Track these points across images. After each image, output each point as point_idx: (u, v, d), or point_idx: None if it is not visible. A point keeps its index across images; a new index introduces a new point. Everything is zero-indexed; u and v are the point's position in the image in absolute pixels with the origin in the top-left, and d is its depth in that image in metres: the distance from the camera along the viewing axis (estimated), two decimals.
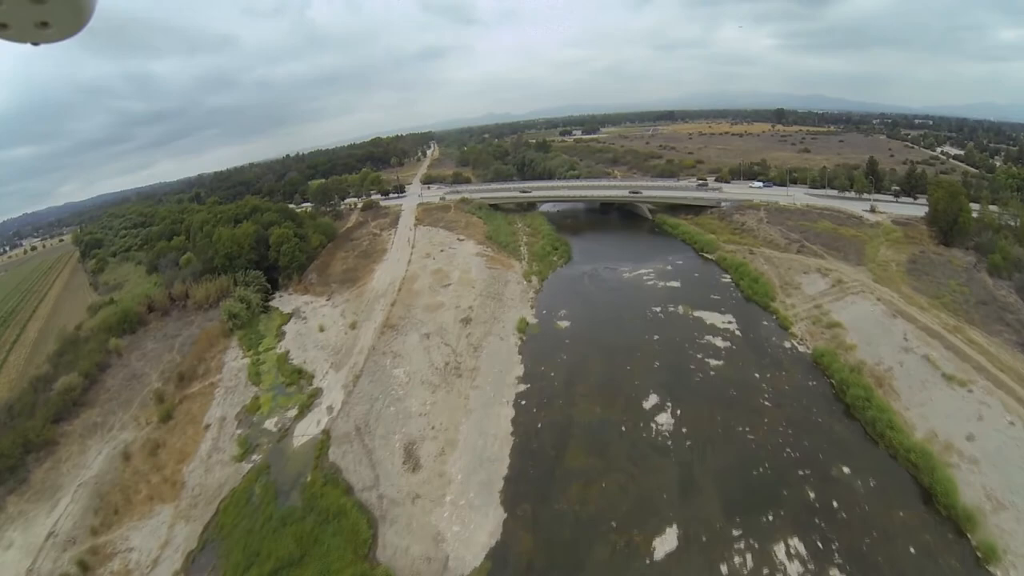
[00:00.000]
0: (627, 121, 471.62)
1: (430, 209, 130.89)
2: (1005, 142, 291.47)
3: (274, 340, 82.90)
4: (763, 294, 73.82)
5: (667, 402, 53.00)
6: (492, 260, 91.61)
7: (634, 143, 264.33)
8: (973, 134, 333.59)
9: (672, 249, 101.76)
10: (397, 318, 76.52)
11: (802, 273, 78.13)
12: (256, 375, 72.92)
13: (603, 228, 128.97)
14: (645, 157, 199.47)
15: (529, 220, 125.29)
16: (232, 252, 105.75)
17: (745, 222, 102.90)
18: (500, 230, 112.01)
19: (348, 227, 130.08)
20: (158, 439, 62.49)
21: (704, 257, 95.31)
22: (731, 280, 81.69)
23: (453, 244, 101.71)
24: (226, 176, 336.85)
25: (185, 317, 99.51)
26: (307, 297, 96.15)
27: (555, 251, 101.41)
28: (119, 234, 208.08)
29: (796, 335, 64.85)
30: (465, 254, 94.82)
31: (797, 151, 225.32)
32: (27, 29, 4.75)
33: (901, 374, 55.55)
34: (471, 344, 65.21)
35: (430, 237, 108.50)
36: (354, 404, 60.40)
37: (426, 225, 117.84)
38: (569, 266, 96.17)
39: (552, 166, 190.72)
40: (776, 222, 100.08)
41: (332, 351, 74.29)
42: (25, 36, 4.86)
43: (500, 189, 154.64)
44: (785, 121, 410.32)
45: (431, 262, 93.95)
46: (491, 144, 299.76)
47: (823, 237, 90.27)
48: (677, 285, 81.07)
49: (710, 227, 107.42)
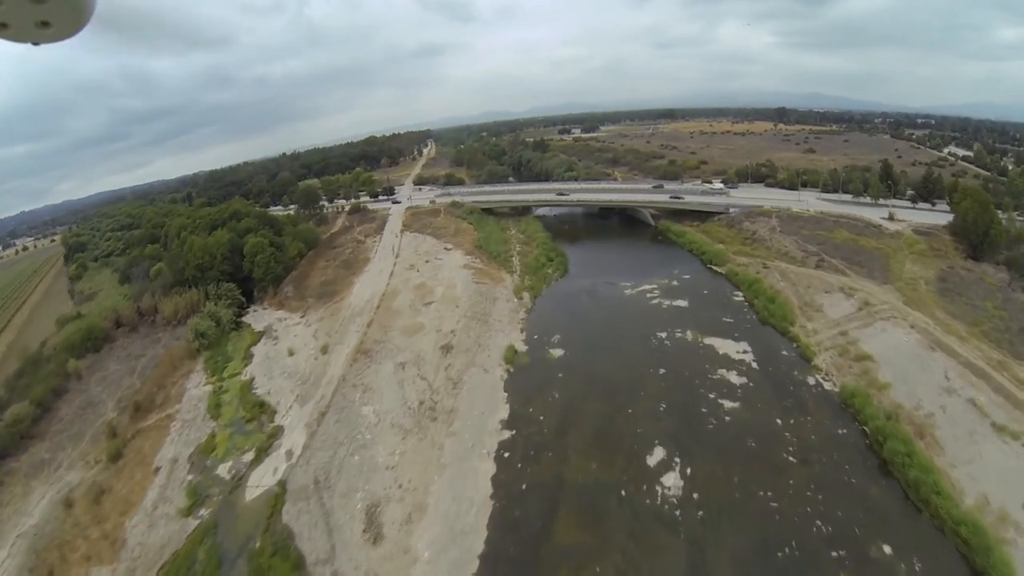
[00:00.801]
0: (627, 119, 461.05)
1: (419, 213, 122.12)
2: (1009, 142, 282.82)
3: (241, 364, 74.91)
4: (781, 317, 65.11)
5: (675, 457, 44.46)
6: (480, 273, 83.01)
7: (634, 142, 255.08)
8: (977, 134, 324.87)
9: (678, 260, 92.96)
10: (372, 342, 68.11)
11: (823, 292, 69.45)
12: (216, 407, 65.02)
13: (603, 235, 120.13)
14: (646, 157, 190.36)
15: (523, 226, 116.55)
16: (204, 263, 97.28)
17: (756, 231, 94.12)
18: (491, 237, 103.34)
19: (333, 232, 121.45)
20: (104, 483, 54.94)
21: (713, 270, 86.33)
22: (744, 299, 72.76)
23: (439, 254, 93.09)
24: (220, 175, 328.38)
25: (153, 334, 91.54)
26: (281, 313, 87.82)
27: (550, 262, 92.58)
28: (104, 236, 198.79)
29: (820, 368, 56.26)
30: (451, 266, 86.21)
31: (802, 151, 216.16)
32: (27, 29, 4.82)
33: (944, 422, 47.13)
34: (450, 378, 56.67)
35: (416, 245, 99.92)
36: (316, 449, 52.16)
37: (413, 231, 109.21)
38: (565, 280, 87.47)
39: (549, 166, 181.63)
40: (790, 231, 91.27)
41: (299, 380, 66.05)
42: (25, 36, 4.94)
43: (494, 192, 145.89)
44: (787, 120, 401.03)
45: (414, 275, 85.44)
46: (488, 143, 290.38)
47: (843, 249, 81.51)
48: (684, 305, 72.10)
49: (718, 236, 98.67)
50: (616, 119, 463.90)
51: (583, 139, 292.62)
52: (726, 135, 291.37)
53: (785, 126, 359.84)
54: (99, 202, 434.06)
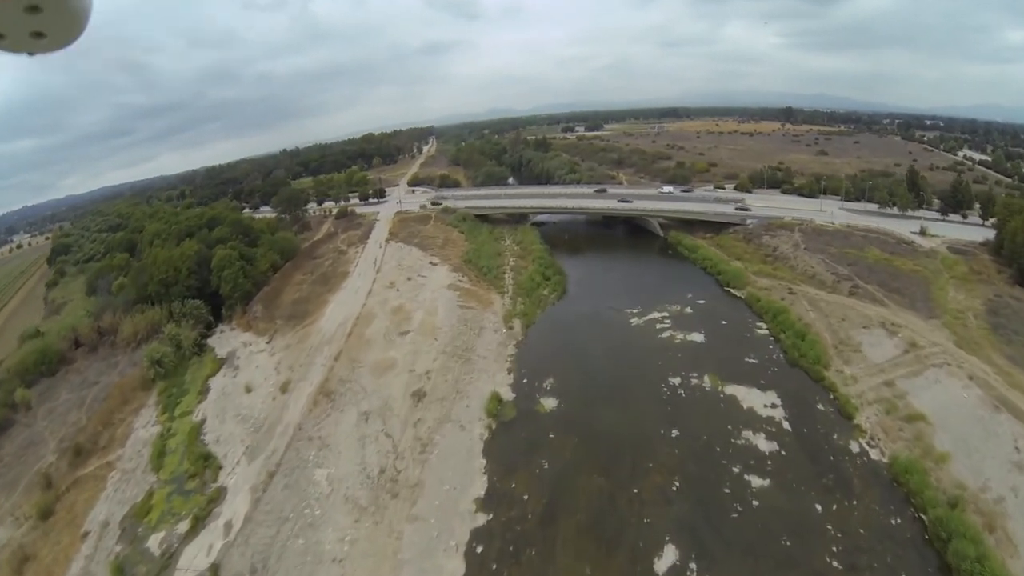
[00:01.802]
0: (631, 118, 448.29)
1: (407, 220, 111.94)
2: (1022, 145, 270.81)
3: (195, 400, 65.90)
4: (813, 358, 54.75)
5: (690, 561, 34.43)
6: (467, 295, 72.98)
7: (639, 141, 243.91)
8: (988, 136, 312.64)
9: (690, 280, 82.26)
10: (337, 380, 58.39)
11: (861, 328, 59.09)
12: (159, 456, 56.24)
13: (606, 247, 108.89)
14: (652, 158, 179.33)
15: (520, 235, 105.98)
16: (168, 278, 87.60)
17: (778, 247, 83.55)
18: (483, 250, 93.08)
19: (316, 240, 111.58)
20: (30, 548, 46.29)
21: (731, 294, 75.26)
22: (768, 332, 62.22)
23: (424, 270, 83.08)
24: (218, 172, 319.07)
25: (112, 357, 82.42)
26: (248, 336, 78.18)
27: (547, 281, 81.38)
28: (90, 238, 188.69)
29: (864, 430, 46.12)
30: (435, 285, 76.22)
31: (814, 153, 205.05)
32: (22, 39, 4.74)
33: (1018, 510, 37.18)
34: (419, 438, 46.75)
35: (400, 258, 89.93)
36: (258, 524, 42.68)
37: (399, 241, 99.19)
38: (563, 303, 76.69)
39: (551, 167, 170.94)
40: (816, 248, 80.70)
41: (253, 426, 56.50)
42: (21, 46, 4.86)
43: (490, 195, 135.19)
44: (794, 120, 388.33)
45: (393, 295, 75.57)
46: (489, 141, 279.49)
47: (877, 272, 71.06)
48: (700, 339, 61.59)
49: (735, 251, 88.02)
50: (620, 118, 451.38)
51: (587, 138, 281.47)
52: (733, 135, 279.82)
53: (792, 126, 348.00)
54: (101, 197, 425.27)
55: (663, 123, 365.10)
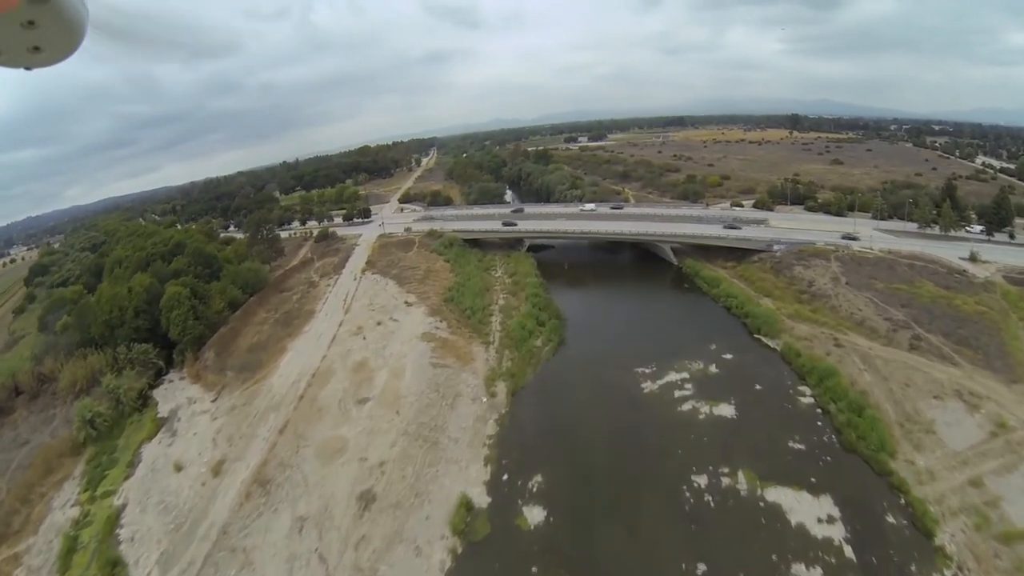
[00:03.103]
0: (635, 127, 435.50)
1: (389, 245, 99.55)
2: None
3: (122, 475, 55.11)
4: (875, 443, 41.66)
5: None
6: (443, 347, 60.34)
7: (645, 152, 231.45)
8: (1000, 141, 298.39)
9: (712, 323, 68.84)
10: (277, 464, 46.23)
11: (931, 397, 46.13)
12: (68, 553, 44.93)
13: (611, 278, 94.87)
14: (660, 171, 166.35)
15: (513, 265, 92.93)
16: (112, 319, 75.88)
17: (814, 281, 70.39)
18: (468, 284, 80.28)
19: (290, 267, 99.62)
20: None
21: (762, 344, 61.78)
22: (814, 399, 49.20)
23: (398, 311, 70.55)
24: (214, 186, 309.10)
25: (49, 408, 71.51)
26: (195, 390, 66.36)
27: (540, 328, 67.18)
28: (72, 257, 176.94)
29: (949, 556, 33.14)
30: (407, 334, 63.70)
31: (828, 163, 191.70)
32: (20, 54, 4.76)
33: None
34: (359, 569, 34.27)
35: (373, 295, 77.58)
36: None
37: (376, 271, 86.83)
38: (560, 357, 62.73)
39: (551, 182, 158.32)
40: (859, 282, 67.50)
41: (174, 521, 44.63)
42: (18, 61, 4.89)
43: (482, 216, 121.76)
44: (800, 127, 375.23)
45: (358, 345, 63.31)
46: (489, 152, 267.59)
47: (938, 316, 57.87)
48: (730, 413, 48.36)
49: (763, 285, 74.68)
50: (624, 127, 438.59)
51: (590, 148, 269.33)
52: (741, 144, 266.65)
53: (800, 134, 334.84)
54: (104, 208, 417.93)
55: (668, 132, 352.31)
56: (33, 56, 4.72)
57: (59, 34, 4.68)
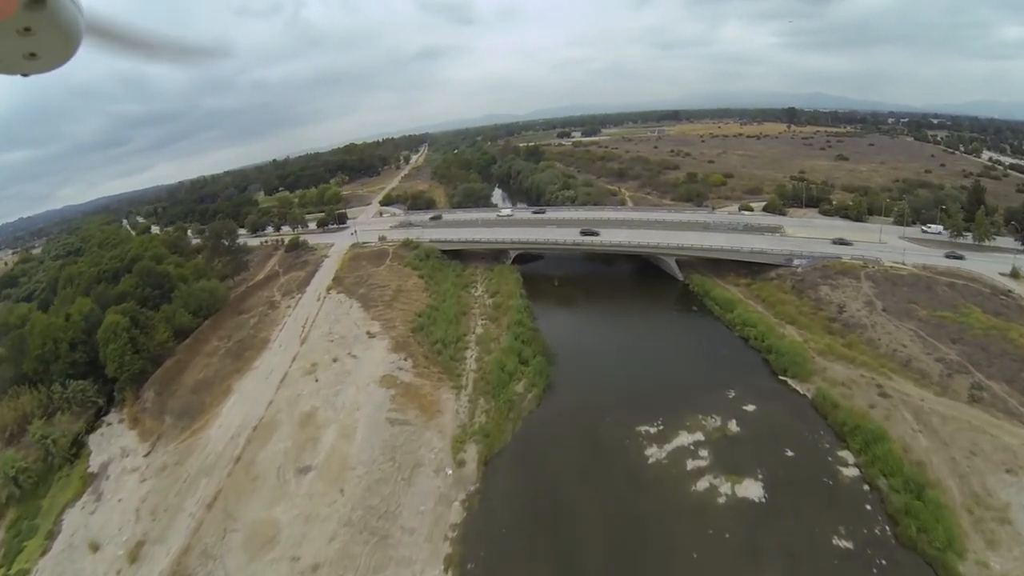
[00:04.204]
0: (630, 121, 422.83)
1: (360, 257, 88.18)
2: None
3: (40, 546, 44.61)
4: (941, 538, 31.29)
5: None
6: (405, 395, 49.35)
7: (640, 147, 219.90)
8: (1001, 135, 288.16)
9: (728, 359, 57.07)
10: (199, 554, 36.25)
11: (1003, 471, 35.65)
12: None
13: (607, 298, 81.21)
14: (658, 168, 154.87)
15: (495, 281, 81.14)
16: (46, 352, 64.97)
17: (844, 305, 59.67)
18: (442, 308, 68.84)
19: (252, 283, 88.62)
20: None
21: (789, 388, 50.12)
22: (858, 470, 38.56)
23: (358, 345, 59.39)
24: (200, 186, 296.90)
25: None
26: (130, 438, 56.22)
27: (523, 367, 54.71)
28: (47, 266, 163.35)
29: None
30: (365, 375, 52.75)
31: (832, 159, 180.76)
32: (16, 61, 4.65)
33: None
34: None
35: (333, 321, 66.59)
36: None
37: (342, 291, 75.60)
38: (545, 407, 50.31)
39: (541, 181, 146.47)
40: (897, 308, 56.74)
41: None
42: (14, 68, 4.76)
43: (464, 222, 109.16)
44: (798, 121, 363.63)
45: (309, 389, 52.68)
46: (480, 149, 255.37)
47: (996, 355, 47.27)
48: (757, 495, 37.22)
49: (783, 308, 63.59)
50: (619, 121, 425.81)
51: (584, 144, 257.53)
52: (739, 138, 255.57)
53: (798, 128, 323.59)
54: (98, 208, 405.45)
55: (663, 127, 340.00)
56: (29, 63, 4.65)
57: (55, 41, 4.58)
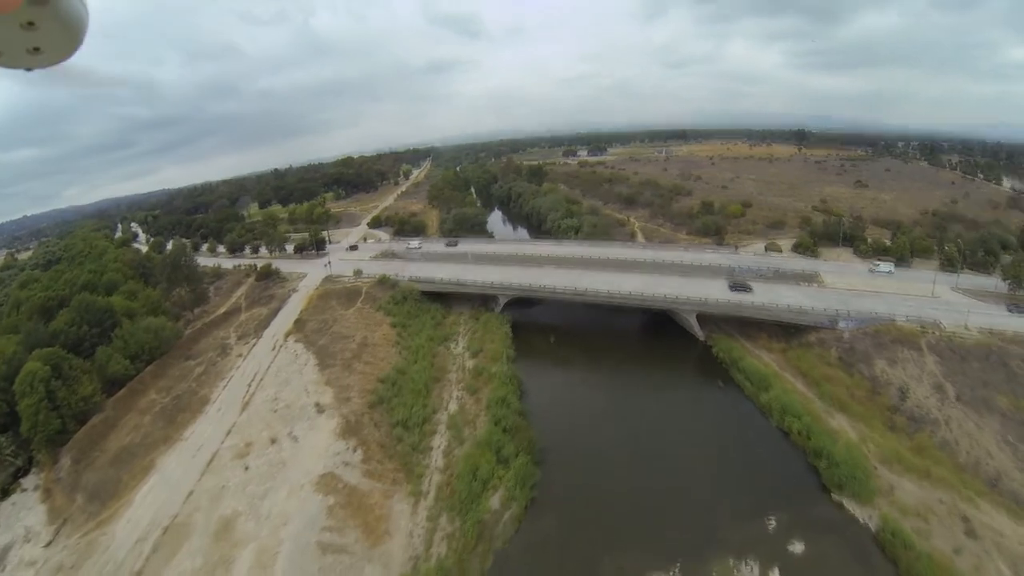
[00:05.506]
0: (636, 140, 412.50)
1: (329, 296, 76.06)
2: None
3: None
4: None
5: None
6: (347, 506, 37.11)
7: (649, 169, 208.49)
8: (1015, 160, 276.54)
9: (764, 462, 43.66)
10: None
11: None
12: None
13: (614, 362, 64.80)
14: (670, 194, 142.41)
15: (480, 332, 68.60)
16: None
17: (907, 387, 47.19)
18: (411, 372, 56.03)
19: (214, 317, 77.18)
20: None
21: (844, 510, 37.58)
22: None
23: (302, 421, 47.34)
24: (198, 193, 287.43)
25: None
26: (39, 515, 44.94)
27: (502, 470, 41.92)
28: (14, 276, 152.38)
29: None
30: (302, 471, 40.68)
31: (851, 185, 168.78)
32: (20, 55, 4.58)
33: None
34: None
35: (283, 382, 54.64)
36: None
37: (301, 339, 63.54)
38: (525, 532, 37.76)
39: (543, 207, 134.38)
40: (972, 395, 44.48)
41: None
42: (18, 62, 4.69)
43: (452, 256, 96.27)
44: (807, 143, 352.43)
45: (237, 480, 40.88)
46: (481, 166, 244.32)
47: None
48: None
49: (829, 388, 50.21)
50: (625, 140, 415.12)
51: (589, 164, 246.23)
52: (750, 161, 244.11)
53: (808, 149, 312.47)
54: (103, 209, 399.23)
55: (670, 146, 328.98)
56: (33, 57, 4.60)
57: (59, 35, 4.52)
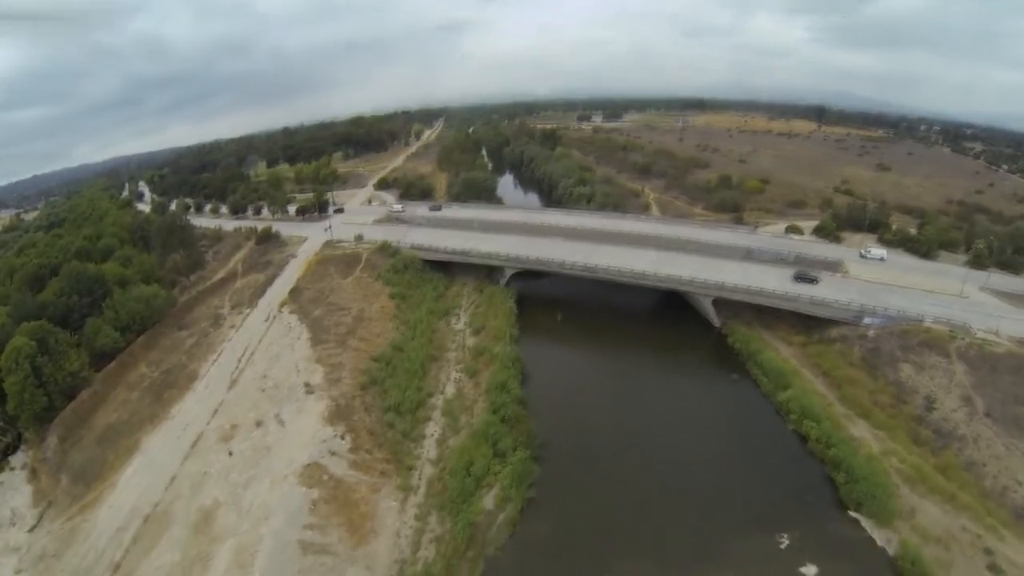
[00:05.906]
0: (652, 108, 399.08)
1: (328, 262, 72.77)
2: None
3: None
4: None
5: None
6: (332, 502, 34.86)
7: (665, 138, 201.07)
8: None
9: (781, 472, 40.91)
10: None
11: None
12: None
13: (622, 344, 62.25)
14: (686, 165, 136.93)
15: (484, 306, 65.58)
16: None
17: (934, 398, 43.70)
18: (409, 349, 53.24)
19: (209, 284, 74.44)
20: None
21: (862, 531, 35.05)
22: None
23: (291, 402, 45.01)
24: (206, 152, 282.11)
25: None
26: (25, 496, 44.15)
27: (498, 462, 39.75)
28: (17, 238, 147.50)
29: None
30: (286, 460, 38.43)
31: (872, 167, 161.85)
32: None
33: None
34: None
35: (274, 357, 52.17)
36: None
37: (296, 310, 60.75)
38: (521, 537, 35.78)
39: (555, 173, 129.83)
40: (1003, 410, 40.71)
41: None
42: None
43: (458, 223, 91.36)
44: (827, 120, 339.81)
45: (220, 466, 38.89)
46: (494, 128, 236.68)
47: None
48: None
49: (851, 391, 47.23)
50: (641, 107, 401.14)
51: (604, 129, 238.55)
52: (768, 135, 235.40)
53: (827, 127, 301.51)
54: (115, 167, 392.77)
55: (687, 116, 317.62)
56: None
57: None
